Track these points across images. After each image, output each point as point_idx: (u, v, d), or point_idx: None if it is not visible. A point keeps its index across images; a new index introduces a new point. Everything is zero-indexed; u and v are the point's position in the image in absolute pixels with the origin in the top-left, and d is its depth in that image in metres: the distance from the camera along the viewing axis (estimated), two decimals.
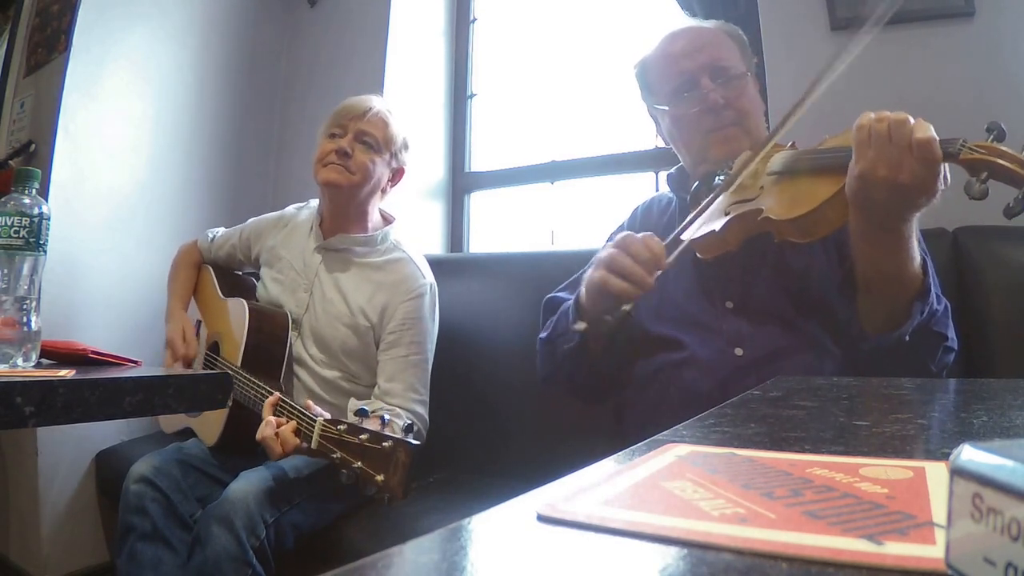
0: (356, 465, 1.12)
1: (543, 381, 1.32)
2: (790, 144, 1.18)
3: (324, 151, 1.59)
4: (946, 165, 0.89)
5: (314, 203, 1.75)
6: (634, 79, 1.34)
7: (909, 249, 0.96)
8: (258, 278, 1.78)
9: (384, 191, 1.68)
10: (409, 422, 1.19)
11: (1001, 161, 0.84)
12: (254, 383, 1.42)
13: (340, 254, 1.64)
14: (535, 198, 2.45)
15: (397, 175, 1.69)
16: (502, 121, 2.57)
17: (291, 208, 1.80)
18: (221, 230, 1.88)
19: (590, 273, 1.10)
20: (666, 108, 1.26)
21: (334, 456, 1.15)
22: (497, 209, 2.58)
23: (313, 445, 1.19)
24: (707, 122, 1.21)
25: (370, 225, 1.66)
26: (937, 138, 0.86)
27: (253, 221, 1.83)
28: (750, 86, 1.25)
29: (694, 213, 1.10)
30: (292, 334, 1.59)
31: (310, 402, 1.30)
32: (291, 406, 1.28)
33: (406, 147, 1.67)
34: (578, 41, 2.42)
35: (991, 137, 0.87)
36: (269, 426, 1.27)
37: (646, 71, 1.31)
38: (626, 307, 1.03)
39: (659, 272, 1.02)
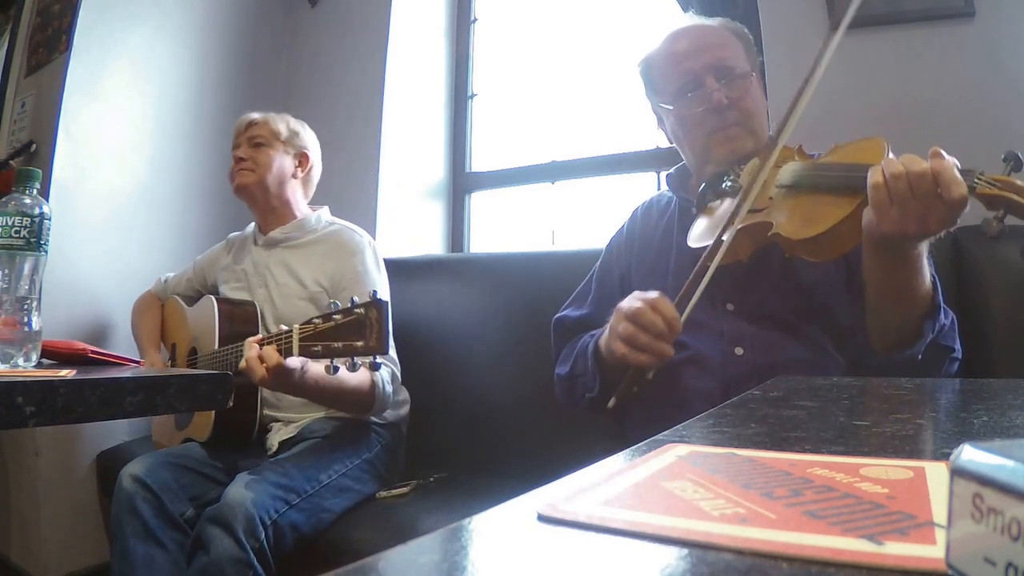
0: (337, 345, 1.16)
1: (562, 406, 1.33)
2: (797, 147, 1.17)
3: (231, 169, 1.77)
4: None
5: (253, 223, 1.87)
6: (638, 76, 1.34)
7: (921, 268, 0.96)
8: None
9: (296, 177, 1.80)
10: (375, 290, 1.20)
11: (1017, 197, 0.82)
12: (235, 348, 1.45)
13: (282, 244, 1.76)
14: (536, 198, 2.45)
15: (303, 160, 1.81)
16: (502, 121, 2.57)
17: (233, 234, 1.94)
18: (171, 274, 2.00)
19: (608, 342, 1.09)
20: (670, 107, 1.26)
21: (315, 350, 1.18)
22: (497, 209, 2.58)
23: (295, 351, 1.21)
24: (711, 122, 1.20)
25: (299, 214, 1.80)
26: (967, 191, 0.83)
27: (202, 255, 1.97)
28: (754, 86, 1.25)
29: (722, 228, 1.07)
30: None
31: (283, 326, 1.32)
32: (265, 336, 1.30)
33: (296, 134, 1.81)
34: (578, 41, 2.42)
35: (1007, 168, 0.85)
36: (251, 349, 1.26)
37: (650, 69, 1.30)
38: (649, 375, 1.05)
39: (676, 336, 1.03)
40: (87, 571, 1.97)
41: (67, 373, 0.81)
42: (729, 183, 1.16)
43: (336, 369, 1.16)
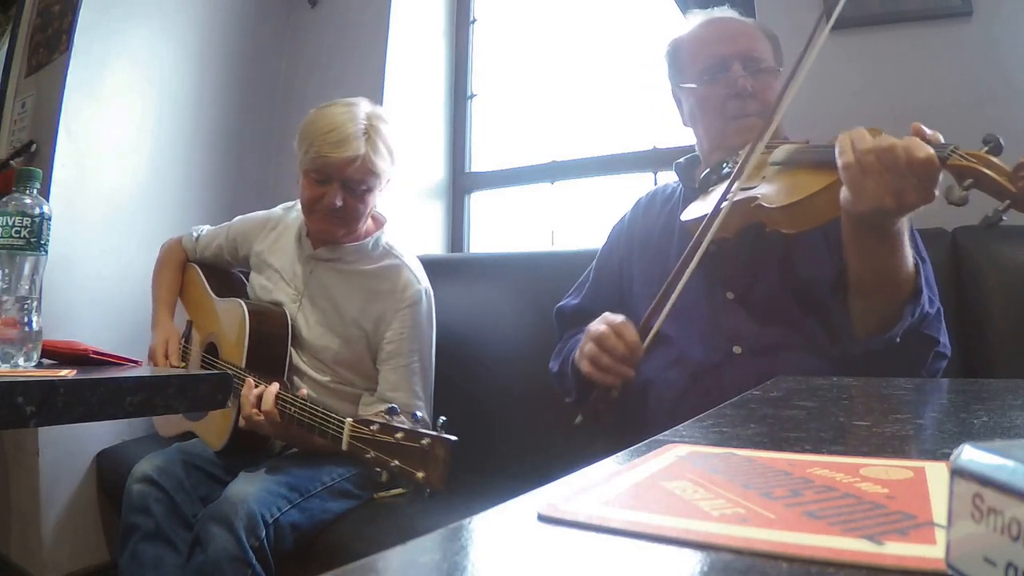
0: (393, 464, 1.10)
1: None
2: (804, 142, 1.18)
3: (310, 198, 1.49)
4: None
5: (299, 214, 1.66)
6: (663, 58, 1.35)
7: (902, 248, 0.95)
8: (247, 276, 1.75)
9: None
10: (443, 419, 1.16)
11: (988, 171, 0.83)
12: (266, 381, 1.39)
13: (330, 263, 1.58)
14: (535, 198, 2.45)
15: (386, 186, 1.58)
16: (502, 121, 2.57)
17: (278, 209, 1.74)
18: (205, 228, 1.82)
19: (578, 359, 1.14)
20: (693, 86, 1.26)
21: (367, 456, 1.13)
22: (497, 209, 2.57)
23: (344, 447, 1.17)
24: (732, 108, 1.21)
25: (359, 233, 1.58)
26: (936, 155, 0.85)
27: (239, 220, 1.77)
28: (777, 83, 1.26)
29: (712, 212, 1.08)
30: None
31: (304, 390, 1.32)
32: (292, 397, 1.28)
33: (394, 161, 1.52)
34: (578, 41, 2.42)
35: (985, 149, 0.85)
36: (265, 404, 1.29)
37: (678, 51, 1.31)
38: (613, 394, 1.11)
39: (638, 361, 1.08)
40: (87, 571, 1.97)
41: (68, 373, 0.81)
42: (728, 168, 1.17)
43: (380, 474, 1.12)
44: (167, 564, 1.32)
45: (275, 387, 1.31)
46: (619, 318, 1.10)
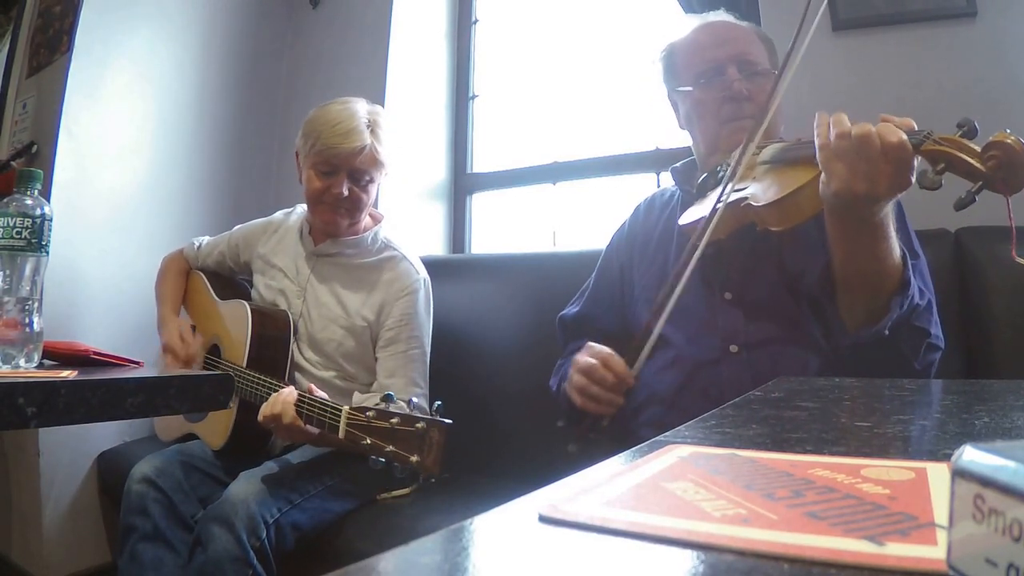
0: (388, 449, 1.11)
1: None
2: (795, 140, 1.18)
3: (316, 190, 1.54)
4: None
5: (301, 208, 1.73)
6: (658, 63, 1.35)
7: (886, 240, 0.95)
8: (250, 284, 1.77)
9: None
10: (439, 403, 1.18)
11: (960, 154, 0.83)
12: (265, 380, 1.40)
13: (332, 258, 1.63)
14: (537, 199, 2.45)
15: (384, 179, 1.65)
16: (504, 122, 2.57)
17: (279, 214, 1.79)
18: (206, 239, 1.86)
19: (568, 389, 1.17)
20: (689, 89, 1.27)
21: (364, 443, 1.14)
22: (499, 210, 2.58)
23: (341, 435, 1.18)
24: (727, 111, 1.22)
25: (360, 226, 1.65)
26: (907, 140, 0.85)
27: (240, 228, 1.81)
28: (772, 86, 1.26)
29: (708, 216, 1.08)
30: None
31: (312, 386, 1.32)
32: (310, 399, 1.28)
33: (392, 154, 1.60)
34: (580, 42, 2.42)
35: (959, 133, 0.86)
36: (285, 405, 1.28)
37: (673, 55, 1.32)
38: (604, 423, 1.14)
39: (627, 388, 1.10)
40: (88, 571, 1.97)
41: (69, 374, 0.81)
42: (723, 171, 1.17)
43: (379, 462, 1.13)
44: (166, 565, 1.32)
45: (292, 397, 1.31)
46: (605, 349, 1.13)
